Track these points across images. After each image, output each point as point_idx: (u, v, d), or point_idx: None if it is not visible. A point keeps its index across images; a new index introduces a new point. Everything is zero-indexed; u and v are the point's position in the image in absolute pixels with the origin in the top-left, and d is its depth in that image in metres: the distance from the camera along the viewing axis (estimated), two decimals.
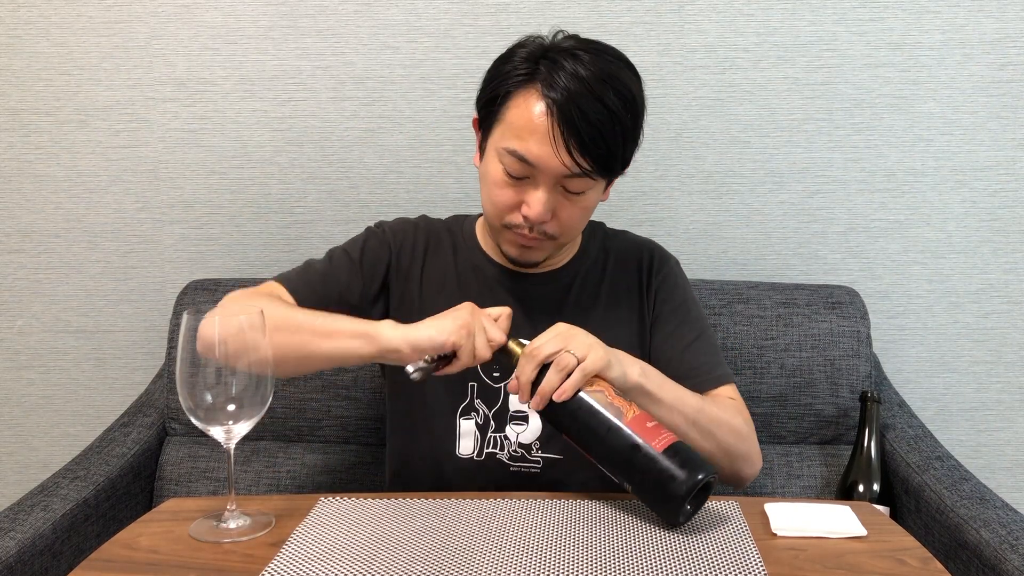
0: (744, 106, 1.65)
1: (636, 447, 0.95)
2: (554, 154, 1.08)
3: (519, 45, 1.15)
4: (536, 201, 1.11)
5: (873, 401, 1.42)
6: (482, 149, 1.19)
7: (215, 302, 1.53)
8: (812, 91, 1.64)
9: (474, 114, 1.21)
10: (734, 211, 1.68)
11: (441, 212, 1.34)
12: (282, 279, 1.22)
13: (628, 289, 1.27)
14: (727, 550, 0.90)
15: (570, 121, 1.06)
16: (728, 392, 1.21)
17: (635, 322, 1.26)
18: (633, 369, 1.06)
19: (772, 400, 1.50)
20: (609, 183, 1.20)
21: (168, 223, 1.69)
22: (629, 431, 0.96)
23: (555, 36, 1.15)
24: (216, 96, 1.66)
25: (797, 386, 1.50)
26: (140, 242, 1.70)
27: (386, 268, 1.26)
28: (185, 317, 0.92)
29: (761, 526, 0.96)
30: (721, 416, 1.13)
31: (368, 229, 1.31)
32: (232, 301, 1.16)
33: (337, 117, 1.66)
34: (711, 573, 0.86)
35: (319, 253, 1.68)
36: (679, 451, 0.95)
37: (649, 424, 0.97)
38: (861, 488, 1.39)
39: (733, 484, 1.19)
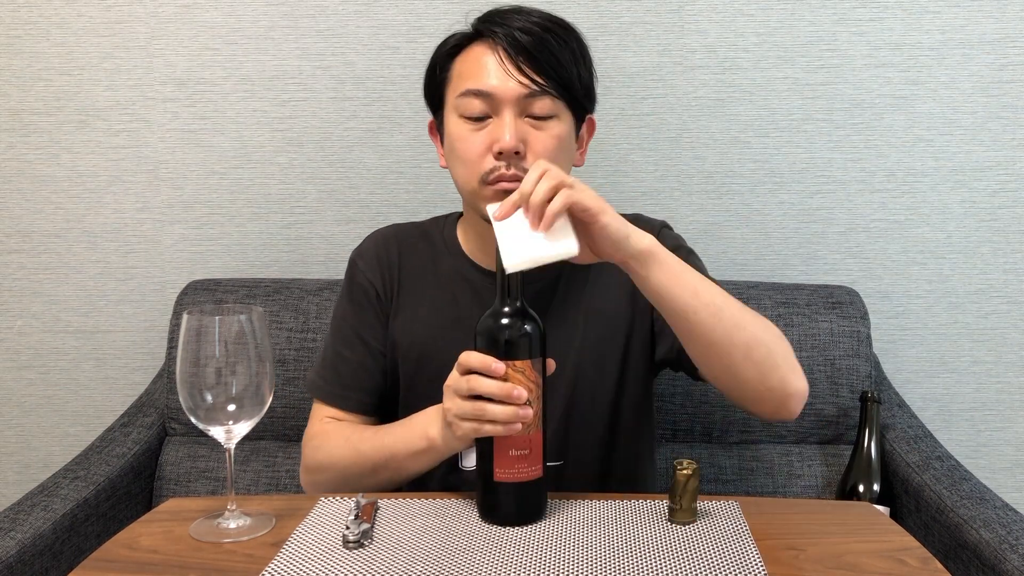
0: (744, 106, 1.65)
1: (482, 456, 0.96)
2: (507, 75, 1.09)
3: (450, 36, 1.18)
4: (504, 129, 1.09)
5: (873, 401, 1.42)
6: (441, 132, 1.18)
7: (215, 302, 1.54)
8: (812, 91, 1.64)
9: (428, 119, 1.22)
10: (734, 211, 1.68)
11: (441, 212, 1.34)
12: (322, 395, 1.22)
13: (621, 274, 1.23)
14: (727, 550, 0.90)
15: (513, 43, 1.09)
16: None
17: (626, 299, 1.21)
18: (639, 235, 0.99)
19: None
20: (581, 129, 1.18)
21: (168, 223, 1.69)
22: (490, 441, 0.94)
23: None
24: (216, 96, 1.66)
25: None
26: (140, 242, 1.70)
27: (377, 294, 1.24)
28: (185, 317, 0.92)
29: (761, 526, 0.96)
30: (754, 312, 1.05)
31: (347, 273, 1.27)
32: (314, 450, 1.18)
33: (337, 117, 1.66)
34: (711, 573, 0.86)
35: (319, 253, 1.70)
36: (506, 492, 0.95)
37: (512, 452, 0.93)
38: (861, 488, 1.39)
39: (781, 408, 1.06)
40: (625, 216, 1.28)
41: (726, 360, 1.02)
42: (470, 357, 0.95)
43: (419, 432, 1.07)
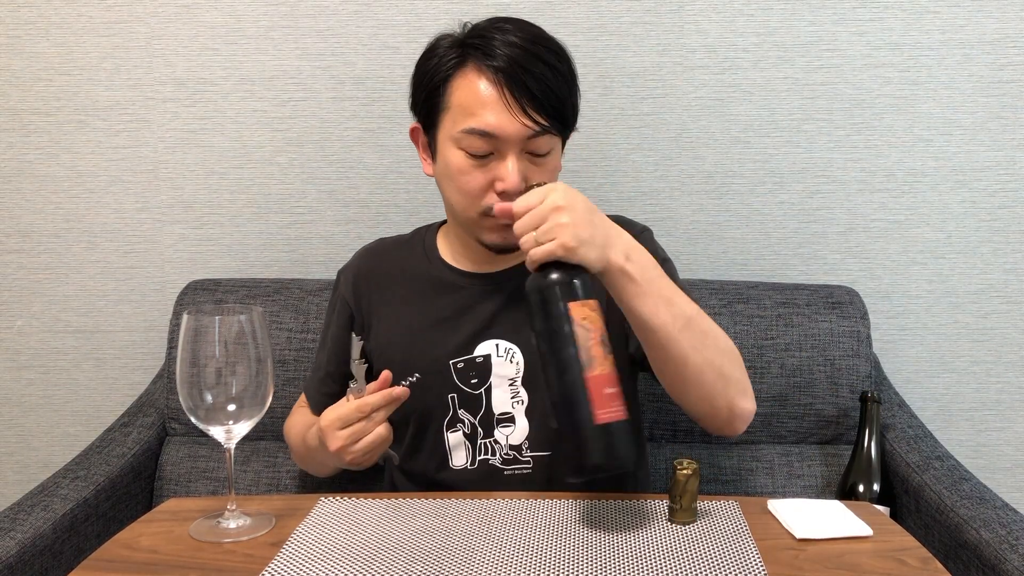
0: (744, 106, 1.65)
1: (577, 403, 0.90)
2: (512, 118, 1.09)
3: (436, 40, 1.17)
4: (508, 172, 1.10)
5: (873, 401, 1.42)
6: (432, 150, 1.19)
7: (215, 302, 1.54)
8: (812, 91, 1.64)
9: (411, 124, 1.22)
10: (734, 211, 1.68)
11: (440, 213, 1.34)
12: (305, 390, 1.37)
13: None
14: (727, 550, 0.90)
15: (519, 83, 1.08)
16: None
17: (602, 301, 1.22)
18: (616, 254, 1.00)
19: (772, 400, 1.50)
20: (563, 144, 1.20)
21: (168, 223, 1.69)
22: (583, 385, 0.90)
23: (465, 27, 1.17)
24: (216, 96, 1.66)
25: (797, 386, 1.50)
26: (140, 242, 1.70)
27: (351, 310, 1.29)
28: (185, 317, 0.92)
29: (761, 526, 0.96)
30: (718, 331, 1.07)
31: (334, 285, 1.36)
32: (287, 431, 1.34)
33: (337, 117, 1.66)
34: (711, 573, 0.86)
35: (319, 253, 1.70)
36: (612, 432, 0.90)
37: (607, 390, 0.91)
38: (861, 488, 1.39)
39: (726, 427, 1.09)
40: (608, 217, 1.30)
41: (680, 377, 1.04)
42: (369, 401, 1.05)
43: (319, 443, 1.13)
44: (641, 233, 1.25)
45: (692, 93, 1.65)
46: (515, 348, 1.19)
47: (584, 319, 0.93)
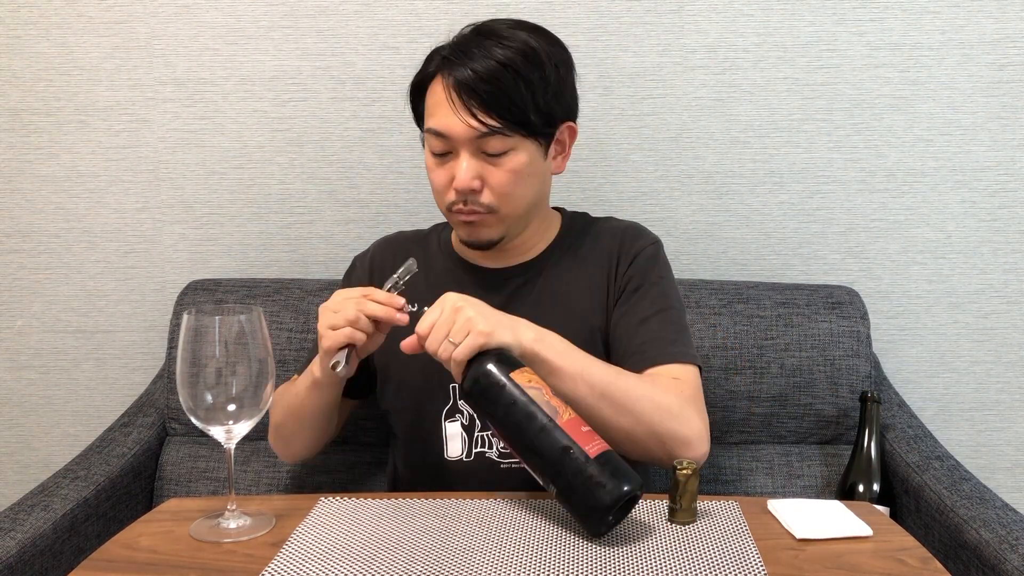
0: (744, 106, 1.65)
1: (566, 449, 0.92)
2: (458, 119, 1.12)
3: (436, 49, 1.20)
4: (459, 170, 1.14)
5: (873, 401, 1.42)
6: None
7: (216, 302, 1.54)
8: (812, 91, 1.64)
9: None
10: (734, 211, 1.68)
11: (440, 213, 1.34)
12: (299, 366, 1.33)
13: (599, 275, 1.25)
14: (727, 550, 0.90)
15: (463, 83, 1.11)
16: (676, 371, 1.14)
17: (600, 310, 1.23)
18: (527, 335, 1.03)
19: (772, 400, 1.50)
20: (552, 145, 1.19)
21: (168, 223, 1.69)
22: (562, 432, 0.92)
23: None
24: (216, 96, 1.66)
25: (797, 386, 1.50)
26: (140, 242, 1.70)
27: None
28: (185, 317, 0.92)
29: (761, 526, 0.96)
30: (640, 391, 1.07)
31: (347, 270, 1.37)
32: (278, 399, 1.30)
33: (337, 117, 1.66)
34: (711, 573, 0.86)
35: (319, 253, 1.70)
36: (610, 460, 0.92)
37: (583, 429, 0.94)
38: (861, 488, 1.39)
39: (669, 461, 1.06)
40: (625, 224, 1.31)
41: (610, 438, 1.02)
42: (376, 293, 1.08)
43: (310, 369, 1.18)
44: (648, 246, 1.27)
45: (692, 93, 1.65)
46: None
47: (530, 381, 0.96)
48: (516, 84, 1.11)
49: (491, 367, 0.97)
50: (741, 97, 1.65)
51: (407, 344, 1.04)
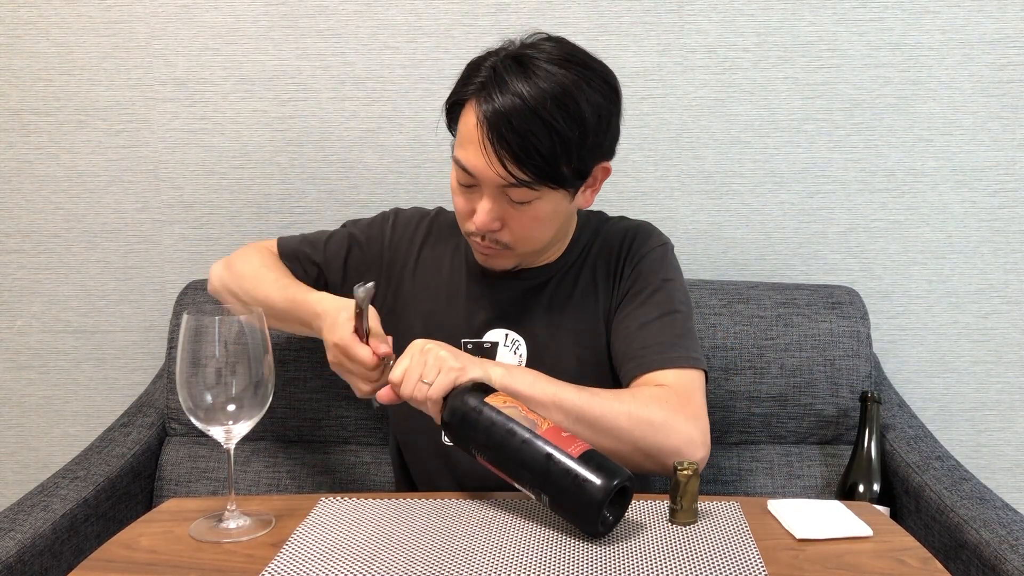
0: (744, 106, 1.65)
1: (550, 456, 0.92)
2: (487, 165, 1.08)
3: (483, 57, 1.13)
4: (481, 210, 1.12)
5: (873, 401, 1.42)
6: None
7: (215, 302, 1.53)
8: (812, 91, 1.64)
9: None
10: (734, 211, 1.68)
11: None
12: (281, 241, 1.35)
13: (606, 277, 1.24)
14: (727, 550, 0.90)
15: (500, 135, 1.06)
16: (671, 377, 1.12)
17: (604, 313, 1.23)
18: (496, 371, 1.04)
19: (772, 400, 1.50)
20: (585, 188, 1.16)
21: (168, 223, 1.69)
22: (543, 440, 0.93)
23: (528, 38, 1.13)
24: (216, 96, 1.66)
25: (797, 386, 1.50)
26: (140, 242, 1.70)
27: (380, 249, 1.31)
28: (185, 317, 0.92)
29: (761, 526, 0.96)
30: (617, 409, 1.05)
31: (382, 215, 1.36)
32: (243, 252, 1.32)
33: (337, 117, 1.66)
34: (711, 573, 0.86)
35: None
36: (594, 457, 0.92)
37: (563, 434, 0.95)
38: (861, 488, 1.39)
39: (667, 470, 1.06)
40: (634, 225, 1.29)
41: (595, 445, 1.01)
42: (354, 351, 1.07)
43: (310, 313, 1.17)
44: (659, 247, 1.26)
45: (692, 93, 1.65)
46: (521, 340, 1.22)
47: (505, 402, 0.98)
48: (550, 139, 1.06)
49: (466, 396, 0.98)
50: (741, 97, 1.65)
51: (383, 395, 1.05)
